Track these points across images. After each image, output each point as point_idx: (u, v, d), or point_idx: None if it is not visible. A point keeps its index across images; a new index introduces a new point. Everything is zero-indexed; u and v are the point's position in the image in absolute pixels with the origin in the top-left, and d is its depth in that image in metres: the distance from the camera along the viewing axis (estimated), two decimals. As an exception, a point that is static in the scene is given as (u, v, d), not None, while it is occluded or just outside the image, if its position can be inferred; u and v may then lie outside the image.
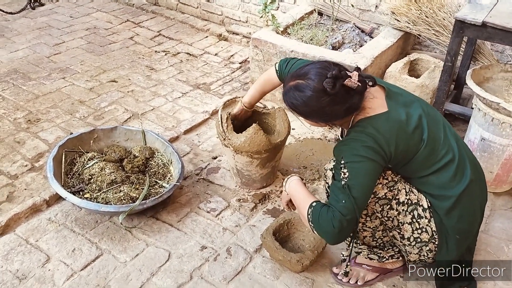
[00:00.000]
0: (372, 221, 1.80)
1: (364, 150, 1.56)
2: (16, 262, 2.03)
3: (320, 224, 1.59)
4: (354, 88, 1.56)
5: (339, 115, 1.62)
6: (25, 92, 3.33)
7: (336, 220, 1.55)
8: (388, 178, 1.69)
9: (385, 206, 1.71)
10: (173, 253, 2.12)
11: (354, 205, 1.55)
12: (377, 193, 1.68)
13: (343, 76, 1.55)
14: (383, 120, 1.61)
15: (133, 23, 4.63)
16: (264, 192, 2.50)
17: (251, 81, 3.41)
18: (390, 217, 1.73)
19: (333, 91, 1.53)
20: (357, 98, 1.59)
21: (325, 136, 3.02)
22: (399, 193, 1.70)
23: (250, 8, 4.24)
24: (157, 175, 2.46)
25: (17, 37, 4.19)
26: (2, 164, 2.63)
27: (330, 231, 1.57)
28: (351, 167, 1.57)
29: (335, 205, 1.57)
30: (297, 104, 1.62)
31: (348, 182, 1.56)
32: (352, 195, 1.55)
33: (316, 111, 1.60)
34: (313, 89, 1.56)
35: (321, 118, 1.65)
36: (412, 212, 1.71)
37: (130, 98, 3.34)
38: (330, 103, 1.56)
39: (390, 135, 1.59)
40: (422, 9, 2.99)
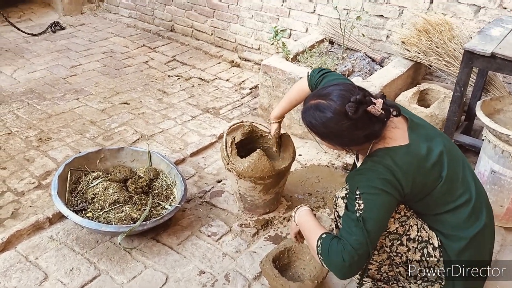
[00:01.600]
0: (379, 254, 1.73)
1: (381, 182, 1.51)
2: (14, 279, 2.02)
3: (329, 257, 1.53)
4: (377, 115, 1.51)
5: (357, 140, 1.58)
6: (39, 112, 3.40)
7: (346, 253, 1.49)
8: (401, 213, 1.63)
9: (395, 241, 1.65)
10: (170, 277, 2.09)
11: (367, 239, 1.49)
12: (388, 227, 1.62)
13: (367, 102, 1.50)
14: (403, 153, 1.56)
15: (149, 48, 4.73)
16: (267, 218, 2.47)
17: (260, 106, 3.43)
18: (399, 252, 1.67)
19: (355, 116, 1.48)
20: (379, 126, 1.54)
21: (332, 163, 2.99)
22: (411, 229, 1.64)
23: (263, 36, 4.31)
24: (160, 197, 2.46)
25: (36, 59, 4.31)
26: (10, 181, 2.66)
27: (339, 265, 1.50)
28: (366, 198, 1.51)
29: (347, 237, 1.51)
30: (316, 124, 1.57)
31: (363, 214, 1.50)
32: (366, 228, 1.49)
33: (335, 134, 1.56)
34: (334, 111, 1.51)
35: (339, 142, 1.61)
36: (422, 250, 1.65)
37: (140, 120, 3.38)
38: (350, 127, 1.52)
39: (408, 169, 1.54)
40: (432, 39, 3.00)
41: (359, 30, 3.55)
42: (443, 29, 2.93)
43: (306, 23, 4.00)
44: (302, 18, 4.01)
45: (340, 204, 1.71)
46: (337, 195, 1.75)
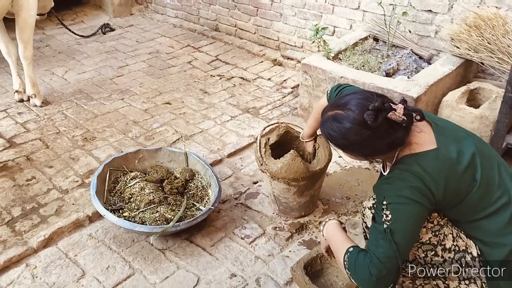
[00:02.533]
0: (413, 267, 1.62)
1: (409, 191, 1.43)
2: (54, 275, 2.10)
3: (356, 272, 1.48)
4: (398, 122, 1.44)
5: (380, 150, 1.51)
6: (86, 112, 3.53)
7: (373, 267, 1.42)
8: (434, 222, 1.53)
9: (429, 252, 1.55)
10: (202, 279, 2.09)
11: (395, 252, 1.41)
12: (420, 238, 1.53)
13: (387, 109, 1.44)
14: (431, 158, 1.47)
15: (193, 48, 4.79)
16: (302, 222, 2.42)
17: (300, 106, 3.37)
18: (434, 264, 1.56)
19: (375, 125, 1.42)
20: (402, 133, 1.47)
21: (374, 166, 2.88)
22: (446, 239, 1.54)
23: (306, 34, 4.23)
24: (195, 198, 2.48)
25: (86, 60, 4.49)
26: (56, 179, 2.78)
27: (366, 279, 1.44)
28: (394, 209, 1.44)
29: (374, 251, 1.45)
30: (335, 136, 1.52)
31: (391, 226, 1.43)
32: (394, 240, 1.42)
33: (355, 145, 1.50)
34: (352, 121, 1.46)
35: (361, 152, 1.55)
36: (459, 260, 1.54)
37: (181, 120, 3.43)
38: (371, 137, 1.45)
39: (439, 175, 1.45)
40: (484, 35, 2.80)
41: (406, 26, 3.39)
42: (496, 24, 2.74)
43: (350, 20, 3.88)
44: (346, 15, 3.89)
45: (368, 215, 1.64)
46: (364, 205, 1.68)
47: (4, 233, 2.34)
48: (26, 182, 2.73)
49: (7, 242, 2.28)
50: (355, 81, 2.91)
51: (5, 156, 2.96)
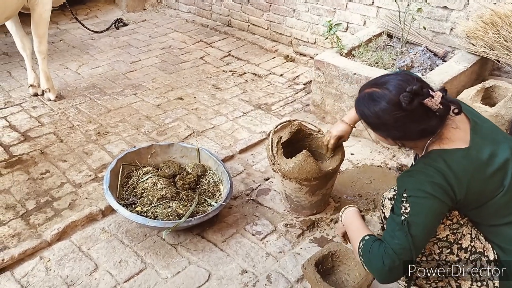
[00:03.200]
0: (428, 262, 1.62)
1: (431, 186, 1.42)
2: (67, 268, 2.13)
3: (370, 260, 1.49)
4: (434, 109, 1.42)
5: (411, 135, 1.49)
6: (99, 106, 3.56)
7: (387, 257, 1.43)
8: (453, 220, 1.52)
9: (444, 249, 1.54)
10: (213, 274, 2.10)
11: (410, 245, 1.41)
12: (438, 234, 1.52)
13: (424, 94, 1.41)
14: (460, 156, 1.45)
15: (206, 43, 4.79)
16: (313, 219, 2.41)
17: (312, 103, 3.35)
18: (448, 261, 1.56)
19: (409, 107, 1.40)
20: (435, 122, 1.45)
21: (386, 163, 2.86)
22: (463, 238, 1.53)
23: (319, 30, 4.21)
24: (207, 193, 2.49)
25: (99, 55, 4.51)
26: (70, 172, 2.81)
27: (379, 268, 1.45)
28: (414, 202, 1.43)
29: (389, 241, 1.45)
30: (368, 114, 1.50)
31: (408, 218, 1.43)
32: (410, 233, 1.41)
33: (386, 126, 1.48)
34: (388, 101, 1.44)
35: (391, 134, 1.52)
36: (474, 262, 1.53)
37: (193, 116, 3.44)
38: (403, 119, 1.43)
39: (464, 175, 1.43)
40: (500, 32, 2.76)
41: (420, 22, 3.35)
42: (513, 21, 2.69)
43: (364, 16, 3.85)
44: (359, 11, 3.86)
45: (387, 205, 1.64)
46: (384, 196, 1.67)
47: (18, 226, 2.38)
48: (40, 176, 2.76)
49: (22, 235, 2.32)
50: (368, 78, 2.89)
51: (19, 149, 3.00)
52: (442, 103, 1.42)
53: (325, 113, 3.28)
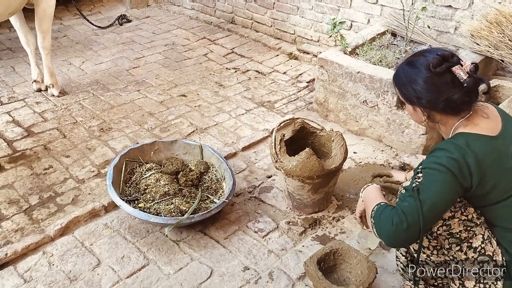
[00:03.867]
0: (438, 255, 1.62)
1: (447, 160, 1.42)
2: (70, 263, 2.14)
3: (380, 220, 1.50)
4: (460, 79, 1.45)
5: (435, 103, 1.49)
6: (102, 102, 3.57)
7: (396, 217, 1.43)
8: (468, 216, 1.51)
9: (454, 245, 1.54)
10: (215, 271, 2.11)
11: (418, 209, 1.40)
12: (451, 228, 1.51)
13: (454, 62, 1.46)
14: (484, 141, 1.46)
15: (209, 40, 4.79)
16: (316, 217, 2.41)
17: (315, 101, 3.35)
18: (455, 258, 1.56)
19: (436, 69, 1.46)
20: (461, 95, 1.45)
21: (389, 162, 2.86)
22: (474, 237, 1.52)
23: (323, 28, 4.20)
24: (209, 190, 2.49)
25: (103, 51, 4.52)
26: (73, 168, 2.81)
27: (387, 228, 1.46)
28: (427, 173, 1.45)
29: (400, 204, 1.47)
30: (399, 74, 1.59)
31: (419, 185, 1.44)
32: (419, 198, 1.41)
33: (416, 89, 1.52)
34: (421, 64, 1.51)
35: (418, 100, 1.54)
36: (481, 263, 1.52)
37: (196, 113, 3.44)
38: (431, 82, 1.48)
39: (483, 159, 1.42)
40: (505, 32, 2.75)
41: (424, 21, 3.35)
42: (518, 20, 2.68)
43: (368, 14, 3.84)
44: (364, 9, 3.85)
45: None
46: (403, 185, 1.60)
47: (21, 220, 2.39)
48: (44, 171, 2.77)
49: (25, 230, 2.33)
50: (372, 77, 2.89)
51: (23, 145, 3.01)
52: (470, 76, 1.45)
53: (328, 111, 3.28)
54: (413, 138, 2.86)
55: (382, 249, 2.22)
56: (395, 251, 1.83)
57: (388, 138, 3.00)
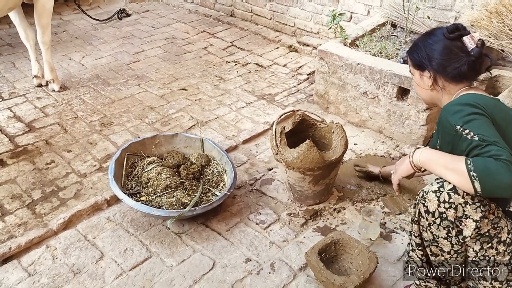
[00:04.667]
0: (457, 258, 1.63)
1: (470, 109, 1.49)
2: (73, 257, 2.16)
3: (492, 176, 1.36)
4: (468, 49, 1.60)
5: (444, 66, 1.63)
6: (103, 97, 3.57)
7: (509, 165, 1.35)
8: (494, 213, 1.52)
9: (485, 244, 1.55)
10: (217, 262, 2.12)
11: (505, 148, 1.39)
12: (481, 229, 1.51)
13: (465, 32, 1.64)
14: (487, 97, 1.60)
15: (209, 34, 4.78)
16: (317, 208, 2.43)
17: (316, 93, 3.35)
18: (487, 256, 1.57)
19: (450, 35, 1.63)
20: (466, 63, 1.60)
21: (389, 153, 2.87)
22: (502, 231, 1.54)
23: (322, 20, 4.19)
24: (211, 183, 2.50)
25: (102, 45, 4.52)
26: (75, 163, 2.83)
27: (507, 176, 1.35)
28: (469, 126, 1.46)
29: (495, 153, 1.38)
30: (416, 42, 1.76)
31: (479, 135, 1.42)
32: (492, 141, 1.40)
33: (430, 54, 1.67)
34: (436, 32, 1.69)
35: (427, 56, 1.68)
36: (511, 253, 1.56)
37: (196, 106, 3.45)
38: (442, 44, 1.64)
39: (490, 107, 1.52)
40: (505, 22, 2.74)
41: (424, 12, 3.34)
42: (518, 10, 2.67)
43: (368, 6, 3.83)
44: (363, 0, 3.84)
45: (431, 199, 1.54)
46: (426, 190, 1.58)
47: (25, 215, 2.41)
48: (46, 166, 2.78)
49: (28, 224, 2.34)
50: (372, 68, 2.89)
51: (25, 140, 3.02)
52: (477, 46, 1.60)
53: (329, 103, 3.28)
54: (413, 129, 2.86)
55: (383, 239, 2.23)
56: (409, 251, 1.79)
57: (388, 130, 3.01)
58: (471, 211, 1.48)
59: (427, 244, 1.65)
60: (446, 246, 1.58)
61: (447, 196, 1.50)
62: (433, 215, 1.54)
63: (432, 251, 1.65)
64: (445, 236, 1.55)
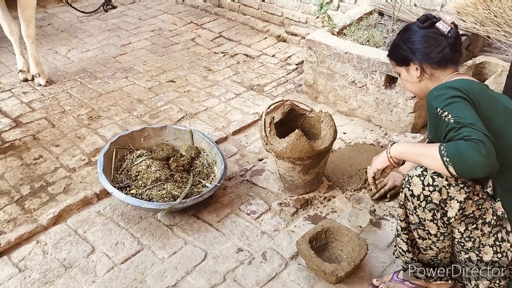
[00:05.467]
0: (444, 241, 1.65)
1: (454, 92, 1.51)
2: (64, 251, 2.15)
3: (463, 157, 1.39)
4: (444, 32, 1.66)
5: (428, 54, 1.67)
6: (90, 90, 3.54)
7: (476, 144, 1.37)
8: (479, 195, 1.55)
9: (469, 225, 1.57)
10: (209, 253, 2.13)
11: (479, 130, 1.40)
12: (465, 210, 1.54)
13: (436, 19, 1.70)
14: (474, 82, 1.62)
15: (196, 25, 4.75)
16: (307, 198, 2.44)
17: (305, 83, 3.35)
18: (472, 237, 1.59)
19: (423, 24, 1.69)
20: (448, 47, 1.65)
21: (378, 141, 2.89)
22: (487, 213, 1.57)
23: (310, 9, 4.18)
24: (201, 175, 2.50)
25: (88, 38, 4.46)
26: (63, 157, 2.80)
27: (478, 158, 1.37)
28: (449, 107, 1.48)
29: (460, 137, 1.41)
30: (394, 42, 1.80)
31: (455, 118, 1.44)
32: (467, 123, 1.42)
33: (411, 47, 1.70)
34: (410, 26, 1.75)
35: (410, 49, 1.70)
36: (496, 234, 1.58)
37: (185, 98, 3.43)
38: (420, 34, 1.69)
39: (475, 92, 1.54)
40: (490, 8, 2.76)
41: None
42: (504, -4, 2.69)
43: (355, -6, 3.83)
44: (350, -11, 3.83)
45: (415, 183, 1.56)
46: (411, 174, 1.60)
47: (14, 211, 2.39)
48: (34, 161, 2.76)
49: (17, 220, 2.33)
50: (359, 57, 2.89)
51: (12, 135, 2.99)
52: (452, 28, 1.67)
53: (318, 93, 3.28)
54: (401, 117, 2.88)
55: (372, 226, 2.25)
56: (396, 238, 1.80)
57: (377, 118, 3.02)
58: (455, 192, 1.51)
59: (414, 227, 1.67)
60: (432, 228, 1.60)
61: (431, 180, 1.52)
62: (418, 199, 1.56)
63: (419, 234, 1.67)
64: (431, 219, 1.57)
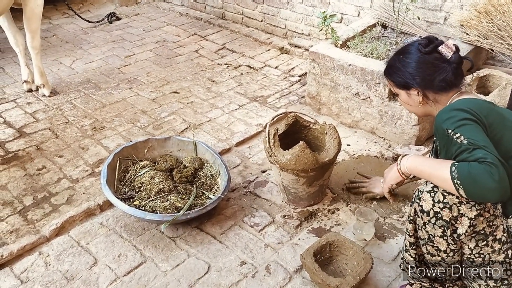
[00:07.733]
0: (454, 257, 1.63)
1: (464, 114, 1.50)
2: (66, 263, 2.13)
3: (475, 180, 1.38)
4: (447, 57, 1.63)
5: (429, 80, 1.64)
6: (94, 101, 3.55)
7: (490, 168, 1.36)
8: (490, 211, 1.54)
9: (480, 241, 1.56)
10: (212, 266, 2.11)
11: (492, 153, 1.40)
12: (476, 227, 1.53)
13: (438, 42, 1.66)
14: (480, 100, 1.60)
15: (200, 37, 4.77)
16: (311, 210, 2.43)
17: (308, 94, 3.36)
18: (482, 253, 1.58)
19: (425, 49, 1.65)
20: (451, 73, 1.62)
21: (382, 154, 2.88)
22: (497, 229, 1.56)
23: (313, 21, 4.20)
24: (204, 186, 2.49)
25: (93, 49, 4.49)
26: (66, 168, 2.80)
27: (491, 183, 1.36)
28: (460, 130, 1.47)
29: (473, 159, 1.40)
30: (392, 64, 1.76)
31: (468, 139, 1.44)
32: (481, 145, 1.41)
33: (411, 72, 1.67)
34: (410, 49, 1.70)
35: (410, 75, 1.67)
36: (506, 251, 1.56)
37: (189, 109, 3.43)
38: (421, 60, 1.65)
39: (479, 107, 1.53)
40: (494, 21, 2.77)
41: (414, 12, 3.36)
42: (507, 10, 2.70)
43: (358, 7, 3.85)
44: (353, 1, 3.86)
45: (426, 198, 1.55)
46: (421, 189, 1.59)
47: (16, 222, 2.38)
48: (37, 172, 2.76)
49: (20, 231, 2.32)
50: (363, 69, 2.90)
51: (15, 145, 2.99)
52: (455, 53, 1.64)
53: (321, 104, 3.29)
54: (405, 129, 2.88)
55: (377, 239, 2.24)
56: (403, 251, 1.80)
57: (381, 130, 3.02)
58: (466, 209, 1.49)
59: (422, 243, 1.66)
60: (442, 245, 1.59)
61: (441, 196, 1.51)
62: (428, 215, 1.55)
63: (428, 250, 1.65)
64: (441, 235, 1.56)
